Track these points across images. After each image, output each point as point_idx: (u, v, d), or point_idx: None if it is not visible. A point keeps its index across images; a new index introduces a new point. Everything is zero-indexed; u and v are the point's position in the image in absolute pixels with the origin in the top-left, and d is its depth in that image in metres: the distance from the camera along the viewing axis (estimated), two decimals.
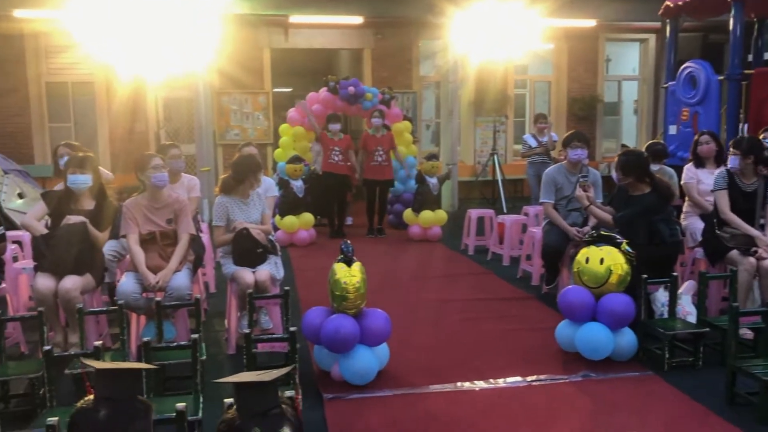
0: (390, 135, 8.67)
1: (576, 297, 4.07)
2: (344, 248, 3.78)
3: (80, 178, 4.24)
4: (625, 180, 4.71)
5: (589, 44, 13.10)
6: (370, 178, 8.53)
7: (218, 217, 4.52)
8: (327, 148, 8.48)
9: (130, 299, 3.94)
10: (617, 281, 3.98)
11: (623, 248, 4.05)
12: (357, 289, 3.63)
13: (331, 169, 8.47)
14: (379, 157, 8.45)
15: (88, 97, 11.38)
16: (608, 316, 3.94)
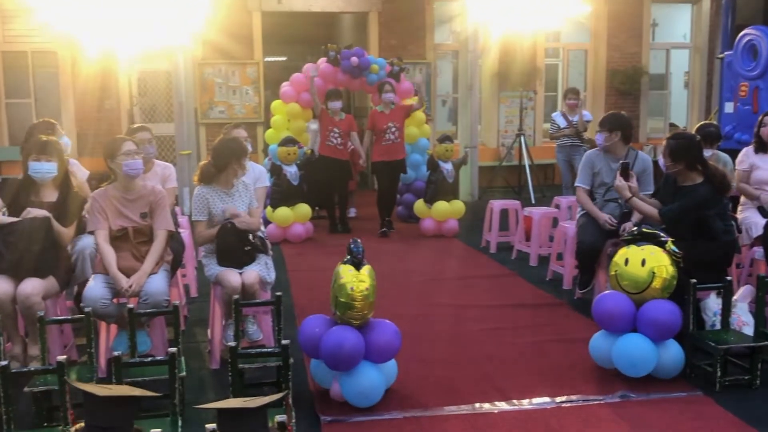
0: (402, 108, 8.62)
1: (613, 304, 4.07)
2: (353, 248, 3.77)
3: (45, 166, 4.27)
4: (674, 168, 4.70)
5: (633, 6, 13.03)
6: (382, 160, 8.43)
7: (198, 211, 4.53)
8: (325, 129, 8.40)
9: (98, 306, 3.96)
10: (661, 286, 3.98)
11: (668, 248, 4.05)
12: (365, 296, 3.63)
13: (328, 152, 8.43)
14: (392, 135, 8.36)
15: (50, 69, 11.42)
16: (650, 327, 3.94)
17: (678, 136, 4.86)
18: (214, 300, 4.51)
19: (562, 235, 6.39)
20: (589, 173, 5.59)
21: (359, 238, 3.93)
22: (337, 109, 8.39)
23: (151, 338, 4.28)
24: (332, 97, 8.39)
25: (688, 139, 4.79)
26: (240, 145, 4.62)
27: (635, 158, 5.47)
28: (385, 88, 8.43)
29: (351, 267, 3.66)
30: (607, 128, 5.51)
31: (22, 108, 11.47)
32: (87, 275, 4.46)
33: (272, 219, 8.11)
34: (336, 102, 8.36)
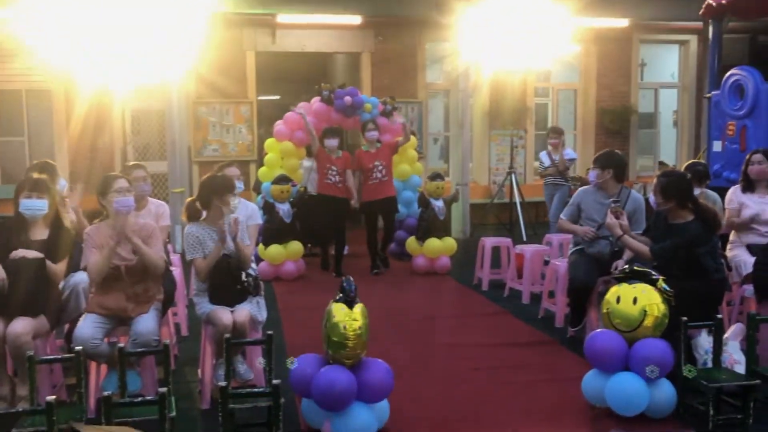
0: (387, 144, 8.52)
1: (606, 342, 4.06)
2: (346, 286, 3.77)
3: (36, 203, 4.26)
4: (666, 205, 4.74)
5: (622, 47, 13.22)
6: (369, 200, 8.32)
7: (191, 249, 4.50)
8: (323, 167, 8.27)
9: (89, 346, 3.94)
10: (653, 324, 3.98)
11: (660, 286, 4.06)
12: (358, 335, 3.62)
13: (327, 190, 8.26)
14: (379, 173, 8.26)
15: (44, 106, 11.47)
16: (643, 365, 3.93)
17: (669, 173, 4.91)
18: (205, 339, 4.48)
19: (553, 272, 6.40)
20: (575, 209, 5.67)
21: (351, 276, 3.93)
22: (333, 147, 8.27)
23: (141, 378, 4.24)
24: (329, 135, 8.27)
25: (679, 177, 4.85)
26: (223, 181, 4.60)
27: (627, 197, 5.51)
28: (368, 127, 8.38)
29: (343, 305, 3.66)
30: (599, 165, 5.57)
31: (16, 146, 11.49)
32: (81, 310, 4.45)
33: (264, 256, 8.10)
34: (332, 140, 8.24)
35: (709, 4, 8.55)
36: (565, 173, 9.07)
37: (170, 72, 9.08)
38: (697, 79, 13.58)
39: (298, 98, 12.14)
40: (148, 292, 4.33)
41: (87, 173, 11.14)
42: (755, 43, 12.04)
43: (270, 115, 13.09)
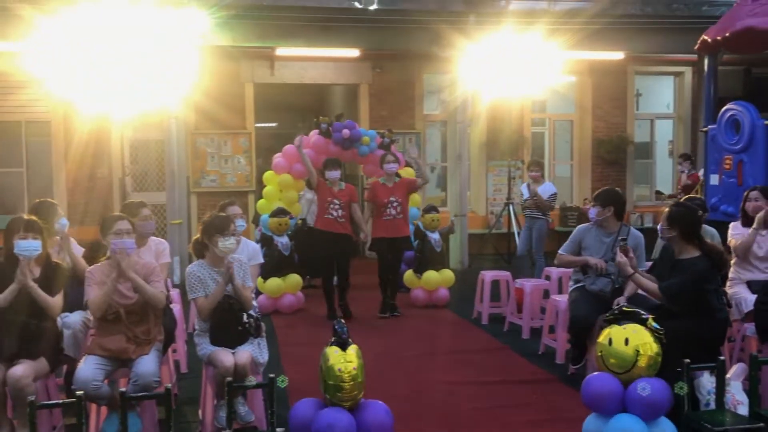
0: (405, 181, 8.05)
1: (601, 385, 4.02)
2: (338, 328, 3.78)
3: (32, 244, 4.24)
4: (669, 233, 4.77)
5: (617, 78, 13.33)
6: (381, 236, 7.82)
7: (193, 289, 4.51)
8: (324, 200, 7.72)
9: (89, 388, 3.91)
10: (647, 364, 3.95)
11: (650, 325, 4.05)
12: (353, 377, 3.62)
13: (327, 226, 7.67)
14: (393, 210, 7.77)
15: (43, 138, 11.48)
16: (640, 405, 3.89)
17: (680, 204, 5.00)
18: (205, 380, 4.46)
19: (553, 308, 6.39)
20: (575, 245, 5.65)
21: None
22: (335, 179, 7.75)
23: (141, 419, 4.22)
24: (330, 167, 7.77)
25: (688, 209, 4.89)
26: (214, 222, 4.58)
27: (627, 233, 5.53)
28: (387, 159, 7.91)
29: (337, 348, 3.67)
30: (600, 203, 5.57)
31: (14, 177, 11.48)
32: (74, 354, 4.45)
33: (263, 290, 8.09)
34: (334, 171, 7.73)
35: (704, 40, 8.63)
36: (545, 209, 8.83)
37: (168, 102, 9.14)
38: (692, 109, 13.67)
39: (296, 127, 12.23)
40: (148, 334, 4.31)
41: (85, 204, 11.16)
42: (750, 76, 12.13)
43: (268, 143, 13.15)
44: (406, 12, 10.67)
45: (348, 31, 11.04)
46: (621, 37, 11.79)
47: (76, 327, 4.75)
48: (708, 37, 8.56)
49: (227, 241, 4.50)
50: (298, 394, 4.81)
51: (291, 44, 11.12)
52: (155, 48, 8.11)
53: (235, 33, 10.65)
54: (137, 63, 7.96)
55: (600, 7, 10.89)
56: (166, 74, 8.45)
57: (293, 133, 10.04)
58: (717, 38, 8.37)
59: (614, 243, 5.44)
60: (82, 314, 4.86)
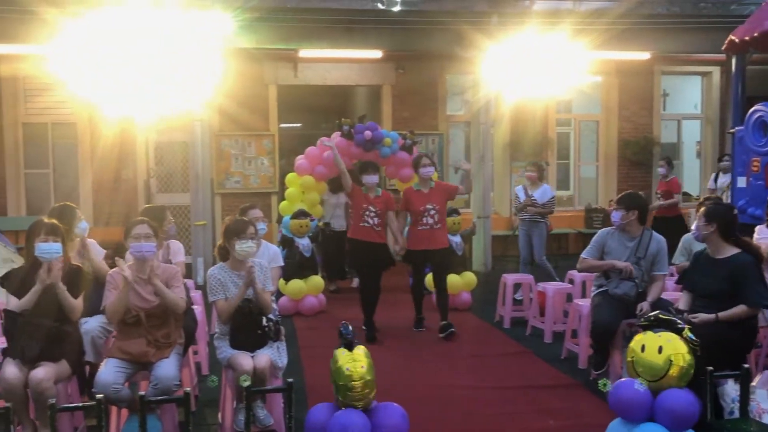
0: (442, 187, 7.34)
1: (630, 392, 3.99)
2: (343, 331, 3.84)
3: (53, 247, 4.29)
4: (707, 229, 4.78)
5: (643, 78, 13.19)
6: (418, 249, 7.08)
7: (213, 292, 4.56)
8: (359, 208, 7.08)
9: (110, 392, 3.95)
10: (678, 374, 3.91)
11: (686, 335, 4.00)
12: (362, 376, 3.65)
13: (363, 235, 7.04)
14: (430, 218, 7.04)
15: (69, 140, 11.63)
16: (668, 416, 3.86)
17: (716, 201, 4.95)
18: (225, 383, 4.49)
19: (576, 312, 6.34)
20: (597, 250, 5.58)
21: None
22: (372, 185, 7.14)
23: (161, 422, 4.25)
24: (367, 171, 7.18)
25: (725, 206, 5.05)
26: (233, 226, 4.64)
27: (650, 238, 5.47)
28: (423, 162, 7.15)
29: (344, 349, 3.71)
30: (624, 206, 5.49)
31: (41, 178, 11.65)
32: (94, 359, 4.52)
33: (285, 291, 8.12)
34: (371, 176, 7.13)
35: (731, 40, 8.51)
36: (544, 213, 8.67)
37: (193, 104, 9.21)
38: (720, 110, 13.51)
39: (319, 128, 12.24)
40: (169, 337, 4.35)
41: (110, 205, 11.28)
42: None
43: (291, 144, 13.19)
44: (428, 13, 10.64)
45: (371, 32, 11.03)
46: (647, 37, 11.65)
47: (95, 333, 4.82)
48: (736, 37, 8.44)
49: (244, 245, 4.53)
50: (318, 397, 4.85)
51: (314, 46, 11.14)
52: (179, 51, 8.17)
53: (259, 35, 10.68)
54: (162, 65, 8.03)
55: (626, 7, 10.77)
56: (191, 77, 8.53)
57: (316, 134, 10.03)
58: (745, 38, 8.25)
59: (637, 247, 5.39)
60: (100, 319, 4.92)
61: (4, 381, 4.04)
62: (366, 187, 7.14)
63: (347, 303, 8.84)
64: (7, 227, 9.86)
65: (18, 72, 10.97)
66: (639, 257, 5.39)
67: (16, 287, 4.32)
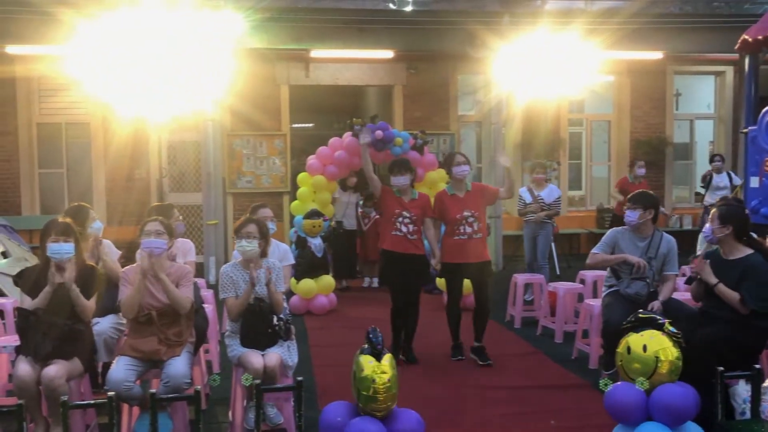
0: (481, 189, 6.37)
1: (623, 395, 3.95)
2: (373, 338, 3.73)
3: (64, 247, 4.32)
4: (722, 231, 4.76)
5: (656, 78, 13.13)
6: (453, 262, 6.12)
7: (225, 289, 4.60)
8: (390, 213, 6.13)
9: (121, 389, 3.99)
10: (668, 369, 3.87)
11: (667, 329, 3.98)
12: (388, 388, 3.58)
13: (396, 246, 6.09)
14: (468, 227, 6.06)
15: (83, 139, 11.72)
16: (664, 412, 3.82)
17: (727, 202, 4.93)
18: (236, 382, 4.50)
19: (587, 312, 6.32)
20: (609, 247, 5.52)
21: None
22: (405, 187, 6.16)
23: (172, 420, 4.27)
24: (398, 170, 6.15)
25: (738, 207, 4.98)
26: (239, 224, 4.69)
27: (660, 239, 5.44)
28: (457, 159, 6.17)
29: (371, 358, 3.62)
30: (642, 206, 5.45)
31: (55, 177, 11.75)
32: (104, 359, 4.55)
33: (296, 291, 8.15)
34: (402, 176, 6.12)
35: (744, 40, 8.45)
36: (552, 214, 8.55)
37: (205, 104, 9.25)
38: (733, 109, 13.42)
39: (331, 128, 12.25)
40: (180, 336, 4.37)
41: (124, 205, 11.34)
42: None
43: (303, 144, 13.22)
44: (440, 13, 10.65)
45: (382, 32, 11.06)
46: (660, 37, 11.61)
47: (107, 333, 4.86)
48: (749, 37, 8.39)
49: (238, 244, 4.57)
50: (328, 396, 4.87)
51: (326, 46, 11.17)
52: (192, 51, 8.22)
53: (271, 35, 10.74)
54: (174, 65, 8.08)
55: (638, 6, 10.74)
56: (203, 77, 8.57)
57: (328, 134, 10.06)
58: (758, 38, 8.20)
59: (648, 247, 5.37)
60: (112, 319, 4.95)
61: (17, 378, 4.08)
62: (398, 189, 6.18)
63: (358, 302, 8.89)
64: (21, 226, 9.93)
65: (32, 72, 11.07)
66: (650, 257, 5.37)
67: (30, 286, 4.36)
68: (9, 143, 11.44)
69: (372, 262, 9.97)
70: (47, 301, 4.25)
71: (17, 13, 9.55)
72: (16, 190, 11.54)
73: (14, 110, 11.38)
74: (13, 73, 10.97)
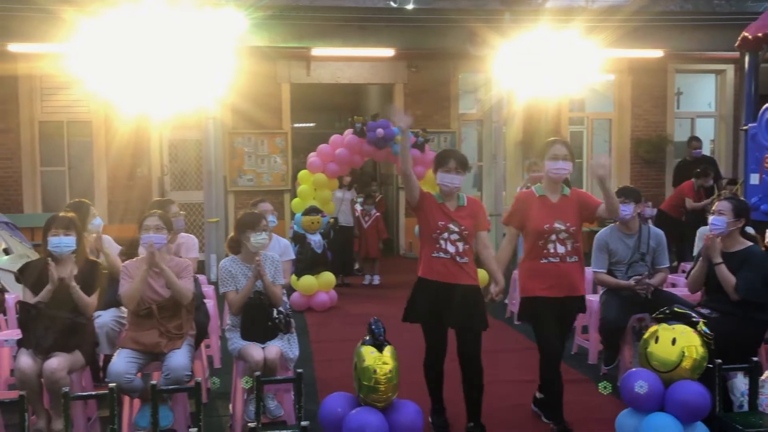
0: (580, 198, 4.58)
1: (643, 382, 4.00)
2: (375, 329, 3.76)
3: (63, 241, 4.35)
4: (736, 224, 4.82)
5: (656, 76, 13.14)
6: (542, 296, 4.48)
7: (224, 283, 4.63)
8: (431, 227, 4.39)
9: (122, 381, 4.01)
10: (691, 366, 3.91)
11: (700, 329, 4.00)
12: (389, 379, 3.61)
13: (439, 274, 4.38)
14: (560, 245, 4.43)
15: (84, 138, 11.74)
16: (679, 407, 3.86)
17: (732, 198, 4.97)
18: (236, 375, 4.53)
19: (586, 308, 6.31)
20: (604, 255, 5.53)
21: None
22: (452, 190, 4.41)
23: (173, 412, 4.30)
24: (445, 163, 4.38)
25: (743, 200, 5.09)
26: (245, 219, 4.70)
27: (648, 232, 5.49)
28: (554, 151, 4.45)
29: (373, 348, 3.65)
30: (632, 199, 5.48)
31: (57, 175, 11.78)
32: (106, 351, 4.58)
33: (297, 287, 8.17)
34: (453, 175, 4.36)
35: (744, 37, 8.48)
36: None
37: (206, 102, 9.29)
38: (734, 108, 13.42)
39: (333, 126, 12.26)
40: (180, 329, 4.40)
41: (125, 203, 11.37)
42: None
43: (304, 143, 13.26)
44: (441, 11, 10.65)
45: (383, 30, 11.07)
46: (661, 35, 11.61)
47: (109, 326, 4.88)
48: (749, 34, 8.41)
49: (259, 237, 4.59)
50: (328, 389, 4.88)
51: (327, 44, 11.19)
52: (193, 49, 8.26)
53: (272, 33, 10.75)
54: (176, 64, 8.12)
55: (639, 5, 10.74)
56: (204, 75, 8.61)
57: (329, 132, 10.08)
58: (758, 35, 8.22)
59: (639, 243, 5.42)
60: (113, 313, 4.98)
61: (19, 370, 4.11)
62: (441, 194, 4.45)
63: (359, 299, 8.92)
64: (22, 224, 9.95)
65: (35, 70, 11.11)
66: (643, 253, 5.42)
67: (33, 281, 4.39)
68: (11, 141, 11.47)
69: (372, 260, 10.01)
70: (49, 297, 4.28)
71: (19, 11, 9.57)
72: (18, 188, 11.57)
73: (16, 108, 11.41)
74: (15, 71, 11.00)
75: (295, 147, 12.57)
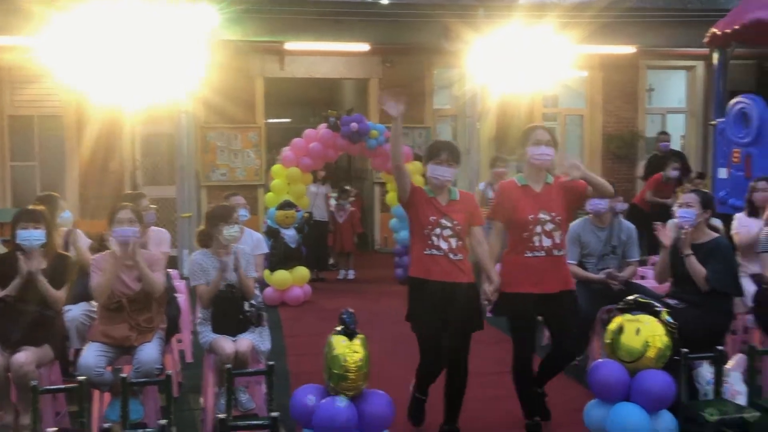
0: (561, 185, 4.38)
1: (608, 372, 4.05)
2: (346, 318, 3.79)
3: (33, 234, 4.31)
4: (704, 216, 4.87)
5: (628, 72, 13.26)
6: (520, 291, 4.30)
7: (195, 276, 4.61)
8: (422, 223, 4.21)
9: (92, 374, 3.99)
10: (655, 356, 3.96)
11: (663, 318, 4.06)
12: (359, 367, 3.63)
13: (432, 272, 4.19)
14: (545, 237, 4.26)
15: (55, 132, 11.60)
16: (644, 396, 3.92)
17: (699, 191, 5.05)
18: (207, 368, 4.52)
19: None
20: (576, 249, 5.59)
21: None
22: (443, 183, 4.24)
23: (144, 406, 4.28)
24: (436, 154, 4.20)
25: (708, 192, 5.22)
26: (218, 211, 4.69)
27: (620, 225, 5.56)
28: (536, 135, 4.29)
29: (344, 337, 3.68)
30: None
31: (27, 170, 11.63)
32: (76, 345, 4.55)
33: (270, 282, 8.15)
34: (444, 167, 4.18)
35: (713, 33, 8.60)
36: None
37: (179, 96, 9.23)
38: (704, 104, 13.58)
39: (308, 121, 12.21)
40: (151, 322, 4.38)
41: (97, 197, 11.26)
42: (762, 69, 12.07)
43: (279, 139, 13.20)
44: (416, 6, 10.68)
45: (358, 25, 11.08)
46: (632, 31, 11.74)
47: (78, 320, 4.84)
48: (717, 30, 8.54)
49: (231, 229, 4.58)
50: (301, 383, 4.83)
51: (301, 39, 11.17)
52: (166, 42, 8.21)
53: (245, 27, 10.70)
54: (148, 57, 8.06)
55: (610, 1, 10.84)
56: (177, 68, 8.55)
57: (303, 127, 10.07)
58: (726, 31, 8.35)
59: (611, 236, 5.50)
60: (83, 307, 4.93)
61: None
62: (432, 188, 4.27)
63: (333, 294, 8.92)
64: None
65: (3, 63, 10.95)
66: (614, 245, 5.49)
67: (0, 275, 4.33)
68: None
69: (347, 254, 10.02)
70: (17, 290, 4.24)
71: None
72: None
73: None
74: None
75: (270, 142, 12.52)
